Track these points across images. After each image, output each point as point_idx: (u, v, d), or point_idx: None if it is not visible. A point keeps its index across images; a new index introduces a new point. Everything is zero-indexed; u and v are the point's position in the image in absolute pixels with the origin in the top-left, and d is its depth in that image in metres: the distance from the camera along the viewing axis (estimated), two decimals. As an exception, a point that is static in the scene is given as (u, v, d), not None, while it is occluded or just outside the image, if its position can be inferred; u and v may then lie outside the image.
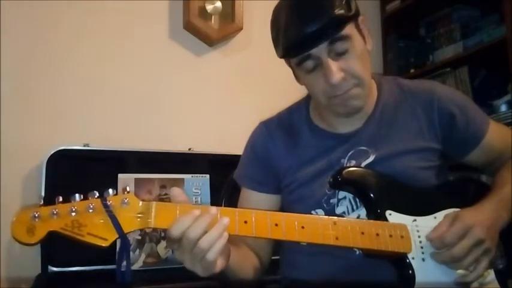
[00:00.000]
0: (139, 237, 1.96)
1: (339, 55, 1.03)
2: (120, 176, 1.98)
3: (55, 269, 1.87)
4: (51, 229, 0.80)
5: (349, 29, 1.03)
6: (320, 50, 1.02)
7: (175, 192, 0.88)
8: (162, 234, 1.99)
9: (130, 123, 2.27)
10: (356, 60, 1.05)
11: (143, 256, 1.95)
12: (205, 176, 2.14)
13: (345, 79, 1.03)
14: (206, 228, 0.82)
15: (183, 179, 2.11)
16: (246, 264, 1.11)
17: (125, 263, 0.88)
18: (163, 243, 1.99)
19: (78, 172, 1.97)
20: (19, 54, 2.10)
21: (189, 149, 2.27)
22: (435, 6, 2.52)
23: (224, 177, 1.45)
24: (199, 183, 2.12)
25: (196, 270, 0.86)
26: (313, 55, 1.03)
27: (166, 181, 2.08)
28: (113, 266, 1.87)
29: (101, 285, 1.83)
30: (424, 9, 2.57)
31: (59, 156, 1.97)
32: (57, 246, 1.86)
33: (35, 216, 0.79)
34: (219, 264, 0.87)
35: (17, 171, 2.03)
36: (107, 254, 1.86)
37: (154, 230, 1.99)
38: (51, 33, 2.17)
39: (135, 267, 1.92)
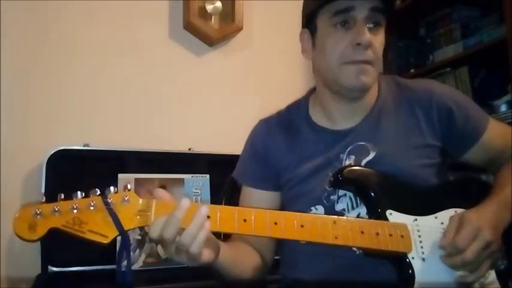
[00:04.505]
0: (140, 237, 1.96)
1: (370, 29, 1.06)
2: (120, 176, 1.98)
3: (55, 269, 1.88)
4: (53, 226, 0.81)
5: (383, 18, 1.09)
6: (361, 10, 1.05)
7: (160, 193, 0.89)
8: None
9: (131, 123, 2.27)
10: (380, 42, 1.09)
11: (143, 256, 1.95)
12: (205, 176, 2.14)
13: (367, 48, 1.06)
14: (180, 224, 0.83)
15: (183, 179, 2.11)
16: (243, 261, 1.11)
17: (125, 262, 0.88)
18: (163, 243, 1.99)
19: (78, 172, 1.97)
20: (19, 54, 2.10)
21: (189, 149, 2.27)
22: (435, 6, 2.51)
23: (224, 177, 1.45)
24: (199, 183, 2.12)
25: (183, 262, 0.88)
26: (351, 13, 1.05)
27: (166, 181, 2.08)
28: (113, 266, 1.87)
29: (101, 285, 1.83)
30: (424, 9, 2.57)
31: (59, 156, 1.97)
32: (57, 246, 1.87)
33: (36, 213, 0.81)
34: (206, 255, 0.89)
35: (17, 171, 2.03)
36: (107, 254, 1.87)
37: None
38: (51, 33, 2.17)
39: (135, 267, 1.92)
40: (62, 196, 0.83)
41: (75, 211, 0.82)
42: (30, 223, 0.80)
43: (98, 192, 0.85)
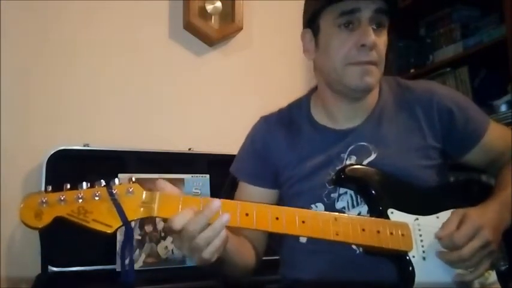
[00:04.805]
0: (140, 237, 1.96)
1: (374, 30, 1.07)
2: (120, 176, 1.96)
3: (55, 269, 1.87)
4: (58, 214, 0.83)
5: (387, 19, 1.10)
6: (366, 11, 1.05)
7: (162, 184, 0.89)
8: (162, 234, 1.99)
9: (130, 123, 2.27)
10: (383, 43, 1.10)
11: (143, 256, 1.95)
12: (205, 176, 2.14)
13: (372, 49, 1.06)
14: (206, 223, 0.84)
15: (183, 179, 2.11)
16: (243, 252, 1.12)
17: (127, 260, 0.88)
18: (163, 243, 1.99)
19: (78, 172, 1.97)
20: (19, 54, 2.10)
21: (189, 149, 2.27)
22: (435, 6, 2.51)
23: (224, 177, 1.45)
24: (199, 183, 2.12)
25: (193, 259, 0.89)
26: (357, 14, 1.05)
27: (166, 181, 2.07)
28: (113, 266, 1.87)
29: (101, 285, 1.83)
30: (424, 9, 2.57)
31: (59, 156, 1.97)
32: (57, 246, 1.87)
33: (42, 201, 0.82)
34: (216, 257, 0.89)
35: (17, 171, 2.03)
36: (107, 254, 1.87)
37: (155, 230, 1.99)
38: (51, 33, 2.17)
39: (135, 267, 1.91)
40: (68, 186, 0.85)
41: (80, 201, 0.83)
42: (36, 211, 0.82)
43: (103, 183, 0.86)
